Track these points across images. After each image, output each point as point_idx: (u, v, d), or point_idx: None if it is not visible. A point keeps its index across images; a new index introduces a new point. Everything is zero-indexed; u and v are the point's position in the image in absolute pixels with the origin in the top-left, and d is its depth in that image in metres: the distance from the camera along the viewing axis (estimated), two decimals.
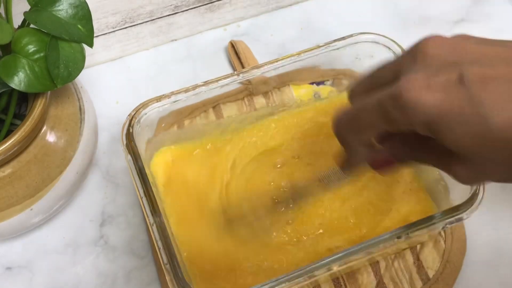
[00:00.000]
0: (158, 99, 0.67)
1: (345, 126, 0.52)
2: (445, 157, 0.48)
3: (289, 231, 0.68)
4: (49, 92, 0.64)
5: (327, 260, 0.57)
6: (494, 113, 0.42)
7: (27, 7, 0.62)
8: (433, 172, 0.68)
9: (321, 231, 0.68)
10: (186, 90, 0.68)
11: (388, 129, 0.48)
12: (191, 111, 0.74)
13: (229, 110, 0.75)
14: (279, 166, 0.72)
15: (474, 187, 0.61)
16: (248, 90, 0.75)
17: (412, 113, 0.44)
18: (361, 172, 0.60)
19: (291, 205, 0.69)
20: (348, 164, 0.57)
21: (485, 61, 0.45)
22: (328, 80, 0.77)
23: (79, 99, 0.70)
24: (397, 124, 0.46)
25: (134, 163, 0.62)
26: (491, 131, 0.42)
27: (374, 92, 0.49)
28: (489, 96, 0.43)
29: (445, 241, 0.70)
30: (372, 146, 0.53)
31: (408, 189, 0.70)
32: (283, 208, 0.69)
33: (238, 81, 0.69)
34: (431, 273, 0.69)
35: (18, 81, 0.59)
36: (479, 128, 0.43)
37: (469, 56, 0.46)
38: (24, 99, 0.67)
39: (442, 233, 0.71)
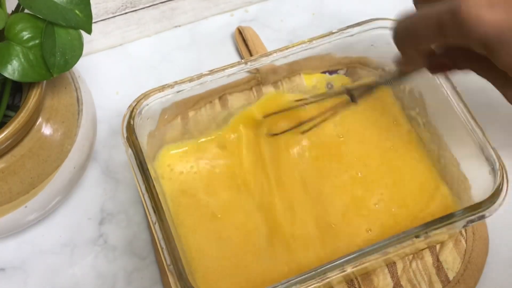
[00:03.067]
0: (161, 89, 0.67)
1: (403, 34, 0.55)
2: (501, 78, 0.49)
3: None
4: (44, 81, 0.64)
5: (340, 260, 0.57)
6: None
7: None
8: (454, 168, 0.68)
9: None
10: (191, 80, 0.68)
11: (444, 43, 0.49)
12: (196, 101, 0.73)
13: (236, 101, 0.75)
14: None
15: (497, 183, 0.60)
16: (257, 80, 0.75)
17: (470, 30, 0.46)
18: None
19: None
20: (405, 68, 0.61)
21: None
22: (341, 69, 0.77)
23: (76, 89, 0.70)
24: (453, 39, 0.48)
25: (135, 157, 0.62)
26: None
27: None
28: None
29: (466, 241, 0.70)
30: (430, 53, 0.54)
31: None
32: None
33: (246, 70, 0.69)
34: (451, 275, 0.68)
35: (12, 70, 0.59)
36: None
37: None
38: (18, 89, 0.67)
39: (463, 232, 0.70)
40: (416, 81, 0.71)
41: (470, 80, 0.60)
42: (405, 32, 0.55)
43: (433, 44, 0.53)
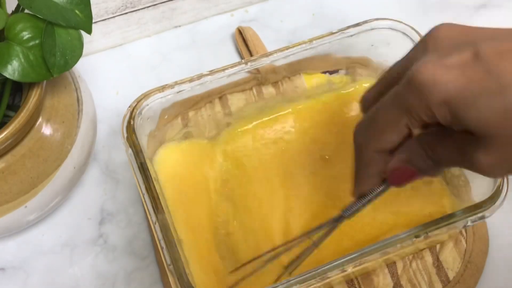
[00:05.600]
0: (161, 89, 0.67)
1: (363, 132, 0.53)
2: (466, 147, 0.48)
3: None
4: (44, 81, 0.64)
5: (341, 260, 0.57)
6: None
7: None
8: (454, 169, 0.68)
9: None
10: (191, 80, 0.68)
11: (408, 122, 0.48)
12: (196, 102, 0.73)
13: (236, 101, 0.75)
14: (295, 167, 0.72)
15: (498, 183, 0.60)
16: (257, 80, 0.75)
17: (428, 92, 0.45)
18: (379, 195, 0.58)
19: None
20: (363, 184, 0.56)
21: (499, 37, 0.46)
22: (342, 69, 0.77)
23: (76, 89, 0.70)
24: (416, 110, 0.47)
25: (135, 157, 0.62)
26: None
27: (387, 92, 0.50)
28: (508, 66, 0.43)
29: (466, 241, 0.70)
30: (388, 156, 0.53)
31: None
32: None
33: (246, 70, 0.69)
34: (451, 275, 0.68)
35: (12, 70, 0.59)
36: (501, 99, 0.43)
37: (482, 35, 0.47)
38: (18, 89, 0.67)
39: (463, 232, 0.70)
40: None
41: None
42: (367, 126, 0.53)
43: (397, 133, 0.51)
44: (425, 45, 0.49)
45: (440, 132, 0.49)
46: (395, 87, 0.49)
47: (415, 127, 0.49)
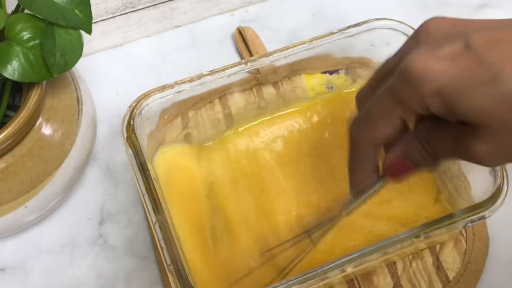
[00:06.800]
0: (161, 89, 0.67)
1: (358, 125, 0.53)
2: (461, 138, 0.48)
3: None
4: (44, 81, 0.64)
5: (340, 260, 0.57)
6: (507, 70, 0.43)
7: None
8: (454, 168, 0.68)
9: None
10: (191, 80, 0.68)
11: (401, 114, 0.48)
12: (196, 102, 0.73)
13: (236, 101, 0.75)
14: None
15: (498, 183, 0.60)
16: (257, 80, 0.75)
17: (422, 83, 0.46)
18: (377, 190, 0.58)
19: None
20: (358, 178, 0.57)
21: (489, 27, 0.46)
22: (342, 69, 0.77)
23: (76, 89, 0.70)
24: (410, 102, 0.47)
25: (135, 158, 0.62)
26: (506, 88, 0.43)
27: (381, 86, 0.50)
28: (500, 55, 0.44)
29: (466, 241, 0.70)
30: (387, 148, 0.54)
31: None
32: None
33: (246, 70, 0.69)
34: (451, 275, 0.68)
35: (12, 70, 0.59)
36: (493, 87, 0.44)
37: (473, 26, 0.47)
38: (18, 89, 0.67)
39: (463, 232, 0.70)
40: None
41: None
42: (362, 120, 0.53)
43: (390, 125, 0.52)
44: (417, 39, 0.50)
45: (435, 124, 0.50)
46: (388, 80, 0.49)
47: (409, 119, 0.50)
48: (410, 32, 0.69)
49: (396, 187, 0.69)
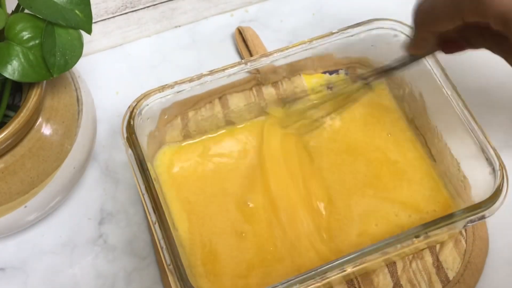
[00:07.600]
0: (161, 89, 0.67)
1: (423, 15, 0.59)
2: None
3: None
4: (44, 81, 0.64)
5: (340, 260, 0.57)
6: None
7: None
8: (453, 168, 0.68)
9: None
10: (191, 80, 0.68)
11: (462, 22, 0.53)
12: (196, 102, 0.73)
13: (236, 101, 0.75)
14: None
15: (498, 183, 0.60)
16: (257, 80, 0.75)
17: (489, 8, 0.49)
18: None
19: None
20: (418, 51, 0.65)
21: None
22: (341, 69, 0.77)
23: (76, 89, 0.70)
24: (473, 17, 0.51)
25: (135, 157, 0.62)
26: None
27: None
28: None
29: (466, 241, 0.70)
30: (445, 35, 0.60)
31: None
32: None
33: (246, 70, 0.69)
34: (451, 275, 0.68)
35: (12, 70, 0.59)
36: None
37: None
38: (18, 89, 0.67)
39: (463, 232, 0.70)
40: (416, 82, 0.71)
41: (470, 80, 0.60)
42: (425, 14, 0.58)
43: (451, 24, 0.55)
44: None
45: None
46: None
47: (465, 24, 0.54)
48: (410, 32, 0.69)
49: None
